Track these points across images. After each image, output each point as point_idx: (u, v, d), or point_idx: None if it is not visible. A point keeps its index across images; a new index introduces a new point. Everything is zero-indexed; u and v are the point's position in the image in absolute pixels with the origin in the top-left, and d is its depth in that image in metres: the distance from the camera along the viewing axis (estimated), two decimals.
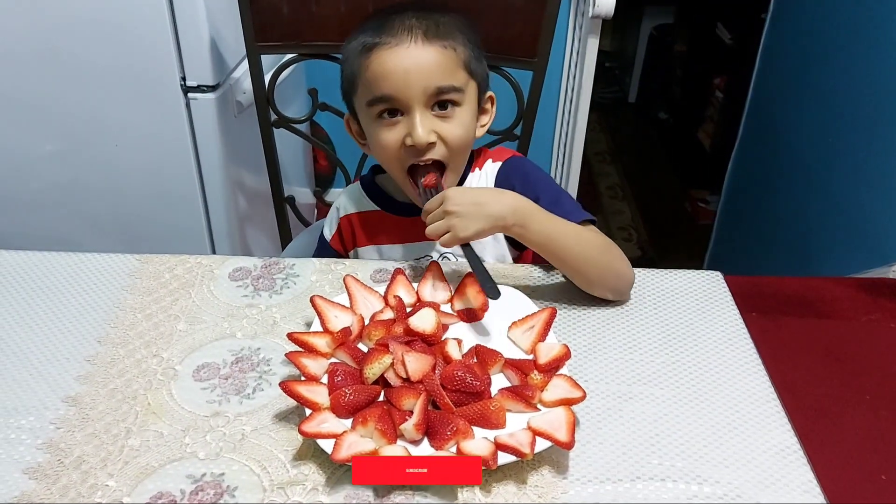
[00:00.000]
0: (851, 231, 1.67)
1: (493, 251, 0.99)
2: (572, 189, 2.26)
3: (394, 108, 0.88)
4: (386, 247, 1.02)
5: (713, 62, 2.92)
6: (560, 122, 2.25)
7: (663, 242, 2.73)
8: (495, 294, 0.79)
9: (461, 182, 0.97)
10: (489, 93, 0.97)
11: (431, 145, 0.88)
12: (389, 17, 0.88)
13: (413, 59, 0.86)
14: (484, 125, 0.97)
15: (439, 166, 0.91)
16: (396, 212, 1.01)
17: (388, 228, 1.01)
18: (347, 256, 1.05)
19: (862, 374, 1.23)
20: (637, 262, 0.95)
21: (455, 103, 0.89)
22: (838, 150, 1.75)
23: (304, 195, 2.07)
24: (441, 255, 1.00)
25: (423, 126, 0.86)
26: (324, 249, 1.06)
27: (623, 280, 0.86)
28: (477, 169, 0.99)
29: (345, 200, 1.04)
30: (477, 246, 0.87)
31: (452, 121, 0.89)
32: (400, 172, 0.92)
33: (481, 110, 0.96)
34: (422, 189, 0.89)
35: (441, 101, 0.88)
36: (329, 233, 1.05)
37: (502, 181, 0.97)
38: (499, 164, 0.99)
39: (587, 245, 0.85)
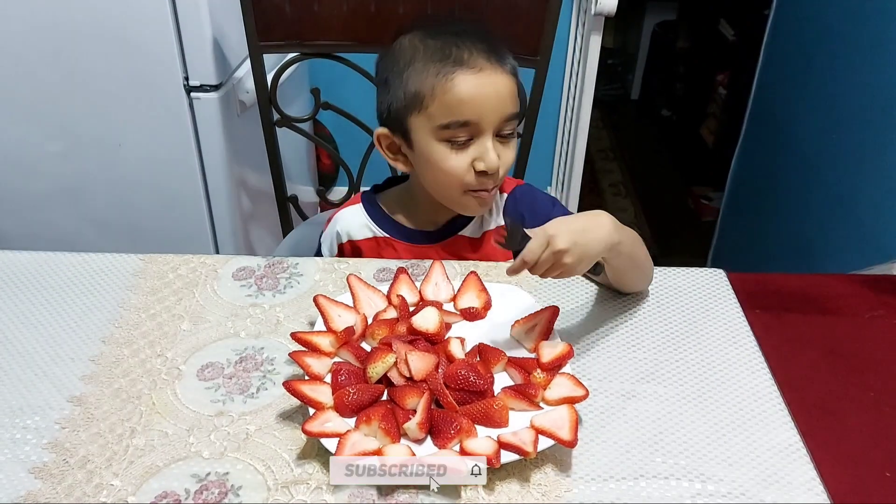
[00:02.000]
0: (855, 227, 1.66)
1: None
2: (575, 187, 2.26)
3: (465, 133, 0.87)
4: None
5: (716, 59, 2.91)
6: (563, 120, 2.25)
7: (666, 240, 2.73)
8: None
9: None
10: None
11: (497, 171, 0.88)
12: (448, 44, 0.86)
13: (494, 86, 0.86)
14: None
15: None
16: (408, 239, 0.99)
17: (398, 255, 0.98)
18: None
19: (865, 370, 1.23)
20: None
21: (512, 130, 0.90)
22: (842, 147, 1.74)
23: (307, 194, 2.07)
24: None
25: (495, 151, 0.87)
26: None
27: (652, 268, 0.89)
28: None
29: (346, 225, 1.00)
30: None
31: (509, 146, 0.90)
32: (459, 194, 0.90)
33: None
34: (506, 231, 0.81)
35: (504, 128, 0.88)
36: (329, 255, 1.03)
37: (511, 212, 0.96)
38: (505, 195, 0.99)
39: (639, 241, 0.85)
